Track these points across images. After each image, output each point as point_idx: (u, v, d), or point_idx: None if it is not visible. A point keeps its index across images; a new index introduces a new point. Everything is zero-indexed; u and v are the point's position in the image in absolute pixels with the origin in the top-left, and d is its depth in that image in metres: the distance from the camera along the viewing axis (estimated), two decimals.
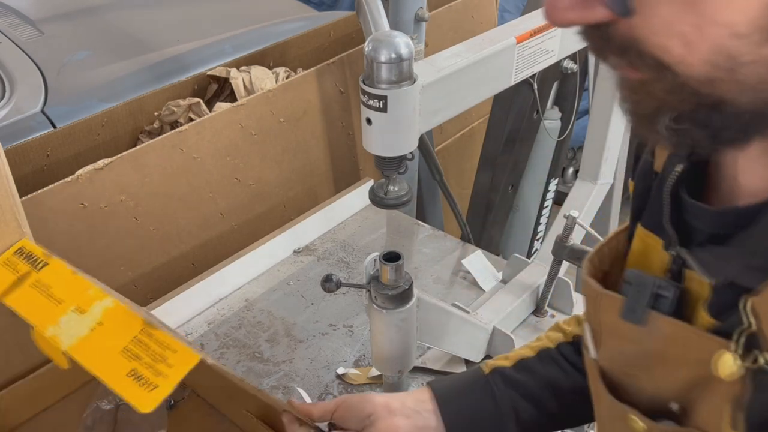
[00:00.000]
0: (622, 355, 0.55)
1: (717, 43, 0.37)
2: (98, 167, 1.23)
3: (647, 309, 0.50)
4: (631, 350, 0.53)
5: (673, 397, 0.51)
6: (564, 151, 1.94)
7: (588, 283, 0.56)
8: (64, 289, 0.76)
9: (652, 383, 0.53)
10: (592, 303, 0.57)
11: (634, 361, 0.54)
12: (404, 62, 0.75)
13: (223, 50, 1.89)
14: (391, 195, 0.84)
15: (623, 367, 0.55)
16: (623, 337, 0.53)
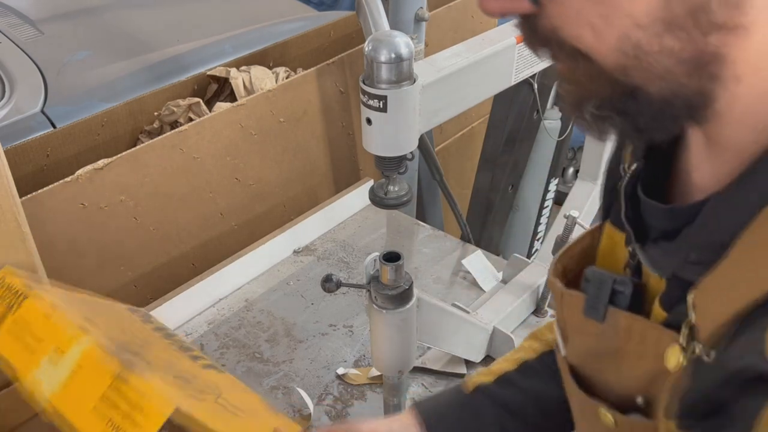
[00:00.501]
0: (588, 351, 0.56)
1: (622, 33, 0.39)
2: (98, 167, 1.23)
3: (606, 305, 0.51)
4: (595, 346, 0.54)
5: (638, 391, 0.52)
6: (564, 151, 1.94)
7: (553, 283, 0.58)
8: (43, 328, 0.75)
9: (618, 378, 0.53)
10: (558, 302, 0.58)
11: (599, 357, 0.54)
12: (404, 62, 0.75)
13: (223, 50, 1.89)
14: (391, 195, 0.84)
15: (590, 363, 0.56)
16: (587, 333, 0.54)
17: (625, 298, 0.51)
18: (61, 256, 1.20)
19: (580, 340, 0.57)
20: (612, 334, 0.51)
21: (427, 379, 1.12)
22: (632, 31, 0.39)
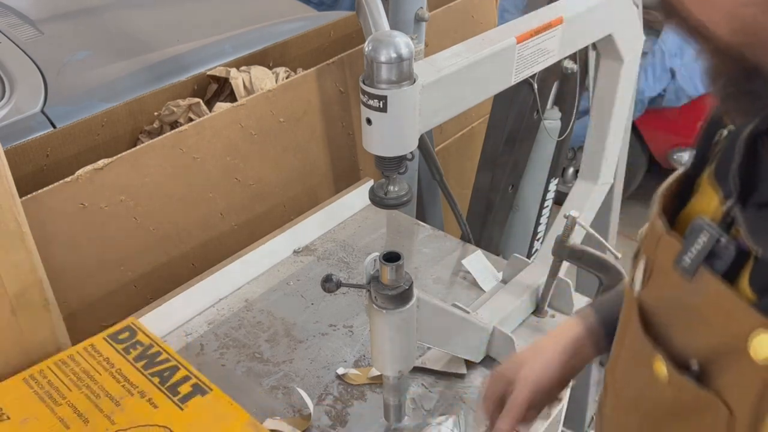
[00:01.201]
0: (663, 299, 0.53)
1: (729, 11, 0.39)
2: (98, 167, 1.23)
3: (700, 264, 0.47)
4: (673, 297, 0.51)
5: (697, 355, 0.49)
6: (564, 151, 1.94)
7: (655, 220, 0.54)
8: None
9: (682, 335, 0.51)
10: (653, 238, 0.54)
11: (674, 309, 0.52)
12: (404, 62, 0.75)
13: (223, 50, 1.89)
14: (391, 195, 0.84)
15: (662, 311, 0.54)
16: (670, 282, 0.51)
17: (722, 264, 0.46)
18: (61, 256, 1.20)
19: (662, 284, 0.53)
20: (696, 294, 0.48)
21: (427, 379, 1.12)
22: (740, 9, 0.39)
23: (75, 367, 1.01)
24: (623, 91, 1.32)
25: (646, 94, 2.92)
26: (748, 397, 0.45)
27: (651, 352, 0.52)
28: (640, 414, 0.57)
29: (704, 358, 0.48)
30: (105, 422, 0.91)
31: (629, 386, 0.59)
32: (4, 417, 0.92)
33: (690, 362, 0.49)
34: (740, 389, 0.45)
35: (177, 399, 0.95)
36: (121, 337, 1.06)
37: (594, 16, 1.12)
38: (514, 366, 0.84)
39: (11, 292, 0.98)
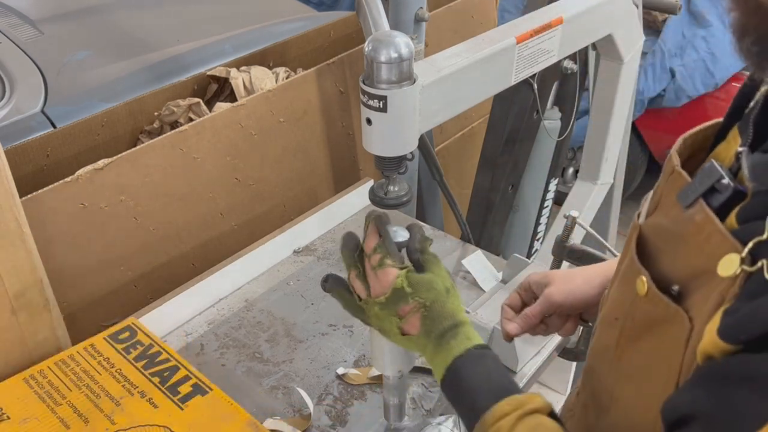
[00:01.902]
0: (660, 228, 0.60)
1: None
2: (98, 167, 1.23)
3: (698, 197, 0.53)
4: (668, 226, 0.58)
5: (678, 280, 0.55)
6: (564, 151, 1.94)
7: (672, 157, 0.60)
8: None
9: (668, 261, 0.57)
10: (666, 175, 0.61)
11: (666, 237, 0.58)
12: (404, 62, 0.75)
13: (223, 50, 1.89)
14: (391, 195, 0.84)
15: (656, 238, 0.60)
16: (670, 212, 0.58)
17: (718, 200, 0.52)
18: (61, 256, 1.20)
19: (661, 216, 0.60)
20: (687, 223, 0.54)
21: (427, 379, 1.12)
22: None
23: (75, 367, 1.01)
24: (623, 91, 1.32)
25: (646, 94, 2.93)
26: (707, 310, 0.50)
27: (637, 271, 0.59)
28: (617, 329, 0.63)
29: (683, 283, 0.54)
30: (105, 422, 0.92)
31: (614, 304, 0.65)
32: (4, 417, 0.92)
33: (671, 287, 0.55)
34: (702, 304, 0.51)
35: (177, 399, 0.95)
36: (121, 337, 1.06)
37: (594, 16, 1.12)
38: (543, 281, 0.90)
39: (11, 292, 0.98)
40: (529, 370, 1.14)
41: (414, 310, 0.76)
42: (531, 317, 0.89)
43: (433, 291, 0.76)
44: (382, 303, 0.77)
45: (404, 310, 0.76)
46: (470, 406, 0.71)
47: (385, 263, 0.77)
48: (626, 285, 0.62)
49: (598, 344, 0.70)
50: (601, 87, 1.35)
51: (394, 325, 0.77)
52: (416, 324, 0.76)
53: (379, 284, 0.77)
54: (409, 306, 0.76)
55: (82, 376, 0.99)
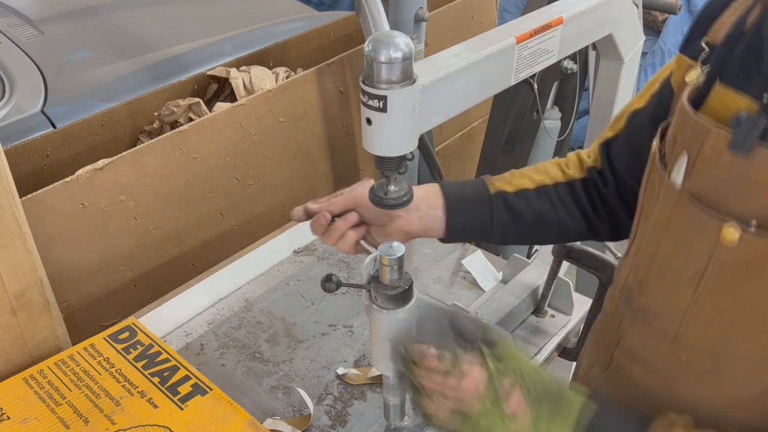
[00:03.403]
0: (713, 181, 0.62)
1: None
2: (98, 167, 1.23)
3: (755, 141, 0.57)
4: (725, 177, 0.61)
5: (756, 216, 0.59)
6: (564, 151, 1.94)
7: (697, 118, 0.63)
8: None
9: (737, 205, 0.60)
10: (695, 135, 0.63)
11: (724, 187, 0.61)
12: (404, 62, 0.75)
13: (223, 50, 1.89)
14: (391, 195, 0.84)
15: (714, 191, 0.62)
16: (722, 164, 0.61)
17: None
18: (61, 256, 1.21)
19: (711, 171, 0.62)
20: (751, 166, 0.58)
21: None
22: None
23: (75, 367, 1.01)
24: (623, 91, 1.32)
25: None
26: None
27: (717, 224, 0.61)
28: (692, 286, 0.65)
29: (762, 216, 0.59)
30: (105, 422, 0.92)
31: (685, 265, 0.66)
32: (4, 417, 0.92)
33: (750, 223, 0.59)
34: None
35: (177, 399, 0.95)
36: (121, 337, 1.06)
37: (594, 16, 1.12)
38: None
39: (11, 292, 0.98)
40: None
41: (512, 384, 0.71)
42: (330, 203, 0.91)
43: (520, 359, 0.73)
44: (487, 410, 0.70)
45: (504, 389, 0.71)
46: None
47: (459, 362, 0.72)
48: (695, 241, 0.64)
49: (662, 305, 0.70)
50: (601, 87, 1.35)
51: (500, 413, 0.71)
52: (519, 399, 0.71)
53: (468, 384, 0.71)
54: (507, 382, 0.71)
55: (82, 376, 0.99)
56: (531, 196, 0.90)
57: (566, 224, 0.91)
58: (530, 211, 0.90)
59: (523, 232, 0.91)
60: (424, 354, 0.75)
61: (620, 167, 0.90)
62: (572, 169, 0.93)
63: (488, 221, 0.90)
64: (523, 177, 0.92)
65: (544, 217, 0.90)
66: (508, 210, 0.90)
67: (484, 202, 0.90)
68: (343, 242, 0.89)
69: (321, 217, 0.90)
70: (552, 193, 0.91)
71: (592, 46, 1.54)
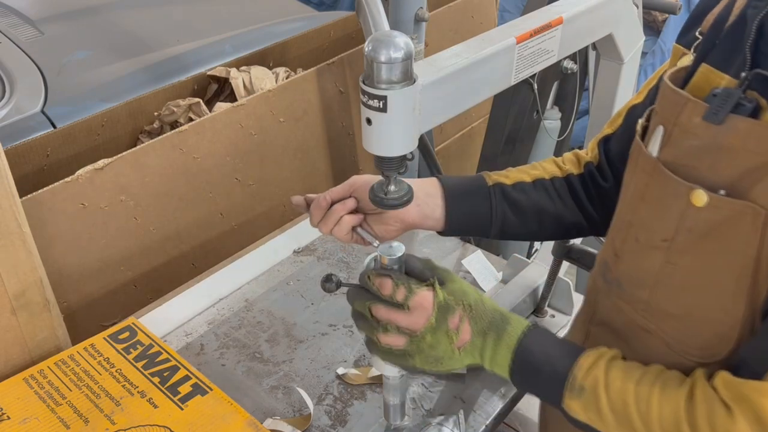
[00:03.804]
0: (686, 150, 0.66)
1: None
2: (98, 167, 1.23)
3: (729, 113, 0.62)
4: (698, 145, 0.65)
5: (724, 185, 0.63)
6: (564, 151, 1.94)
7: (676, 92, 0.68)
8: None
9: (708, 172, 0.64)
10: (673, 107, 0.68)
11: (697, 155, 0.65)
12: (404, 62, 0.75)
13: (223, 50, 1.89)
14: (391, 195, 0.84)
15: (687, 160, 0.67)
16: (696, 134, 0.65)
17: (746, 110, 0.61)
18: (61, 256, 1.21)
19: (686, 140, 0.67)
20: (725, 134, 0.62)
21: (427, 379, 1.12)
22: None
23: (75, 367, 1.01)
24: (623, 91, 1.32)
25: None
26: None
27: (686, 189, 0.65)
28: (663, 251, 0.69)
29: (729, 186, 0.63)
30: (105, 422, 0.92)
31: (656, 229, 0.70)
32: (4, 417, 0.92)
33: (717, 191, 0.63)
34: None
35: (177, 399, 0.95)
36: (121, 337, 1.06)
37: (594, 16, 1.12)
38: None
39: (11, 292, 0.99)
40: None
41: (462, 317, 0.76)
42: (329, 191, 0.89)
43: (468, 294, 0.77)
44: (432, 326, 0.75)
45: (454, 322, 0.76)
46: (550, 374, 0.73)
47: (413, 291, 0.76)
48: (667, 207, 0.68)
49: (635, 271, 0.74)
50: (601, 87, 1.35)
51: (449, 345, 0.76)
52: (467, 329, 0.76)
53: (418, 313, 0.76)
54: (457, 315, 0.76)
55: (82, 376, 0.99)
56: (528, 188, 0.92)
57: (564, 217, 0.93)
58: (528, 202, 0.91)
59: (521, 223, 0.92)
60: (382, 283, 0.78)
61: (618, 162, 0.91)
62: (569, 165, 0.95)
63: (487, 211, 0.91)
64: (520, 172, 0.94)
65: (542, 208, 0.92)
66: (506, 200, 0.91)
67: (483, 193, 0.91)
68: (339, 228, 0.88)
69: (321, 200, 0.89)
70: (549, 186, 0.93)
71: (592, 46, 1.54)
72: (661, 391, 0.67)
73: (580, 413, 0.71)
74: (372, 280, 0.80)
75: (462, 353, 0.76)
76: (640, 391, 0.68)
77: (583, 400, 0.70)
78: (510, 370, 0.75)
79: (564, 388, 0.71)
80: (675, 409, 0.65)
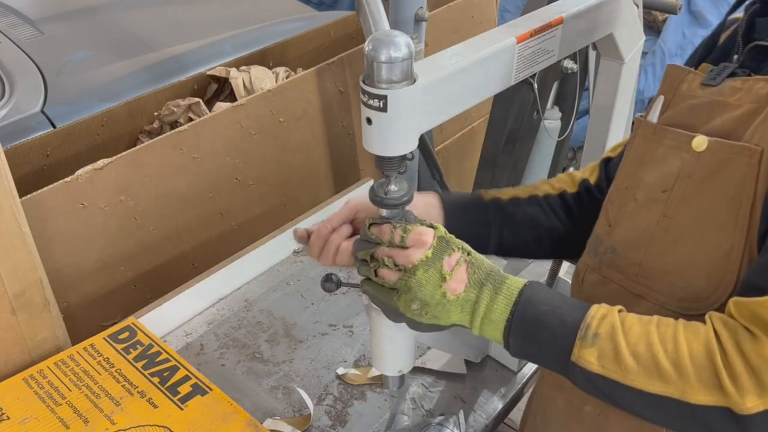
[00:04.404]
0: (689, 108, 0.75)
1: None
2: (98, 167, 1.23)
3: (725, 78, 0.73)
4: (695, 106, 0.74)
5: (719, 134, 0.69)
6: (564, 151, 1.94)
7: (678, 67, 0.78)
8: None
9: (707, 125, 0.71)
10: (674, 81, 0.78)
11: (697, 112, 0.73)
12: (404, 62, 0.75)
13: (223, 50, 1.89)
14: (391, 195, 0.84)
15: (684, 118, 0.74)
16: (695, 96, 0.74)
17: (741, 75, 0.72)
18: (61, 256, 1.21)
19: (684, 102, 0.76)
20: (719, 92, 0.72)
21: (427, 379, 1.12)
22: None
23: (75, 367, 1.01)
24: (623, 91, 1.32)
25: (646, 93, 2.92)
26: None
27: (687, 138, 0.72)
28: (662, 203, 0.74)
29: (725, 134, 0.69)
30: (105, 422, 0.92)
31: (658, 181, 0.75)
32: (4, 417, 0.92)
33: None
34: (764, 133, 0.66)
35: (177, 399, 0.95)
36: (121, 337, 1.06)
37: (594, 15, 1.12)
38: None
39: (11, 292, 0.98)
40: (529, 370, 1.14)
41: (460, 260, 0.72)
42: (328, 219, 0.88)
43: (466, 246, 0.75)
44: (427, 259, 0.71)
45: (450, 263, 0.72)
46: (557, 325, 0.69)
47: (409, 229, 0.74)
48: (668, 159, 0.74)
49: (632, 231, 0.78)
50: (601, 87, 1.35)
51: (439, 288, 0.71)
52: (463, 276, 0.72)
53: (416, 247, 0.72)
54: (454, 256, 0.72)
55: (82, 376, 0.99)
56: (523, 203, 0.95)
57: (558, 231, 0.94)
58: (523, 215, 0.94)
59: (517, 236, 0.94)
60: (381, 230, 0.77)
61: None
62: (561, 184, 0.98)
63: (484, 221, 0.92)
64: (514, 190, 0.97)
65: (536, 221, 0.94)
66: (502, 212, 0.93)
67: (480, 206, 0.93)
68: (340, 256, 0.86)
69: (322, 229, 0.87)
70: (543, 202, 0.95)
71: (592, 46, 1.54)
72: (685, 329, 0.65)
73: (594, 363, 0.67)
74: (371, 231, 0.78)
75: (451, 302, 0.71)
76: (664, 332, 0.66)
77: (597, 348, 0.67)
78: (505, 328, 0.71)
79: (575, 337, 0.68)
80: (705, 342, 0.64)
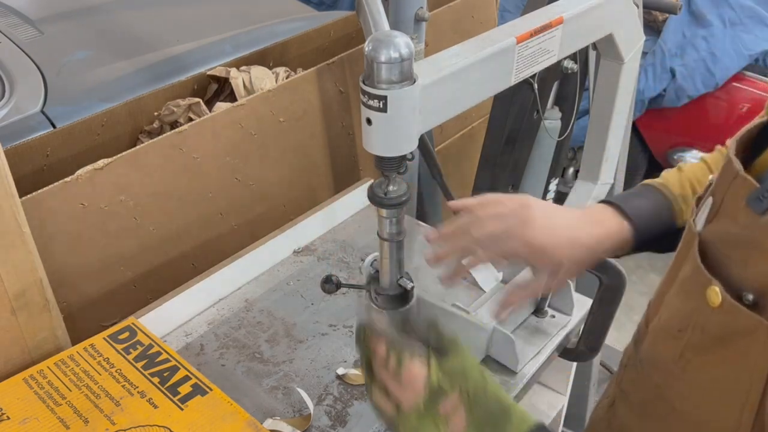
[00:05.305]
0: (727, 235, 0.57)
1: None
2: (98, 167, 1.23)
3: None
4: (737, 234, 0.55)
5: (752, 288, 0.53)
6: (564, 151, 1.94)
7: (731, 161, 0.57)
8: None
9: (740, 269, 0.54)
10: (725, 180, 0.58)
11: (734, 245, 0.55)
12: (404, 62, 0.75)
13: (223, 50, 1.89)
14: (391, 195, 0.84)
15: (721, 247, 0.57)
16: (736, 219, 0.55)
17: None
18: (61, 256, 1.20)
19: (727, 222, 0.57)
20: (762, 229, 0.52)
21: None
22: None
23: (75, 367, 1.01)
24: (623, 91, 1.32)
25: (646, 94, 2.92)
26: None
27: (706, 281, 0.56)
28: (682, 341, 0.61)
29: (759, 292, 0.52)
30: (105, 422, 0.92)
31: (677, 315, 0.62)
32: (4, 417, 0.92)
33: (744, 294, 0.53)
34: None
35: (177, 399, 0.95)
36: (121, 337, 1.06)
37: (594, 16, 1.12)
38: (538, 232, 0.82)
39: (11, 292, 0.98)
40: (529, 370, 1.14)
41: (457, 405, 0.67)
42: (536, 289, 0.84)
43: (469, 375, 0.68)
44: (419, 410, 0.66)
45: (445, 408, 0.66)
46: None
47: (403, 365, 0.67)
48: (690, 295, 0.59)
49: (654, 353, 0.67)
50: (601, 87, 1.35)
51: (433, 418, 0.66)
52: (461, 421, 0.66)
53: (408, 389, 0.68)
54: (450, 401, 0.67)
55: (82, 376, 0.99)
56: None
57: None
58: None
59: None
60: (377, 347, 0.71)
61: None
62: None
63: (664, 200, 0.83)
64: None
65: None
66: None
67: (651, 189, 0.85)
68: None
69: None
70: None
71: (592, 46, 1.54)
72: None
73: None
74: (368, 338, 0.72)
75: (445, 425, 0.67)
76: None
77: None
78: None
79: None
80: None
